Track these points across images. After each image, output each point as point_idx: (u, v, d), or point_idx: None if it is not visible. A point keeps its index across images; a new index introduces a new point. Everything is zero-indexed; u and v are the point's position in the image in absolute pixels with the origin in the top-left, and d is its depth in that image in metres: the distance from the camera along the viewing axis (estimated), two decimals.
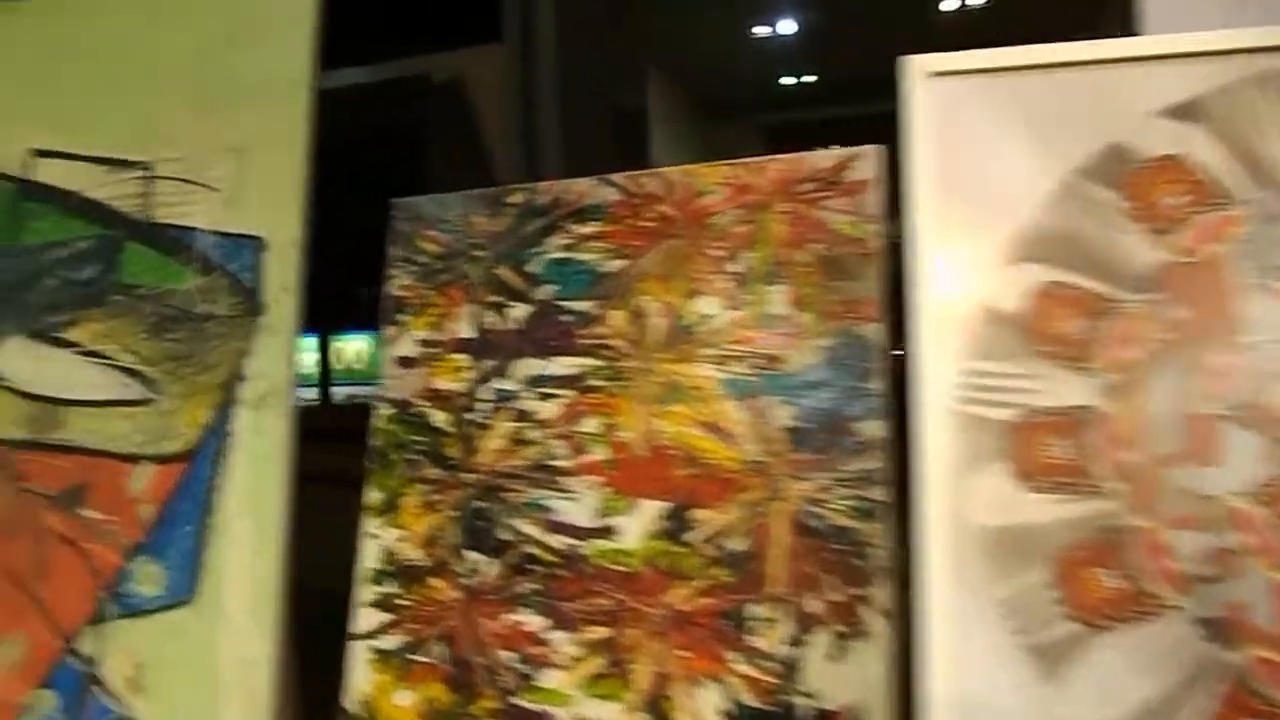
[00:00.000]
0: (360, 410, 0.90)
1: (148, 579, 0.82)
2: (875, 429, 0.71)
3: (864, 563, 0.68)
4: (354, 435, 0.90)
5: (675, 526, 0.73)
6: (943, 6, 4.11)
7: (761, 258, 0.77)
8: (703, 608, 0.71)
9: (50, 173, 0.96)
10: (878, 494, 0.69)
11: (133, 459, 0.85)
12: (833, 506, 0.70)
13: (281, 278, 0.91)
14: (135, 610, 0.81)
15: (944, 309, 0.63)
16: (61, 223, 0.93)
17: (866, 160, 0.76)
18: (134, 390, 0.87)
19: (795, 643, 0.69)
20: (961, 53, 0.66)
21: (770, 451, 0.72)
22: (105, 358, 0.88)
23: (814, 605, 0.69)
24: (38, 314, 0.89)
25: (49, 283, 0.91)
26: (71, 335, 0.89)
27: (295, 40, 1.01)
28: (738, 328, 0.76)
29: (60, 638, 0.80)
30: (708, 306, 0.77)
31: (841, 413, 0.72)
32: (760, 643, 0.69)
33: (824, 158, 0.78)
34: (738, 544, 0.72)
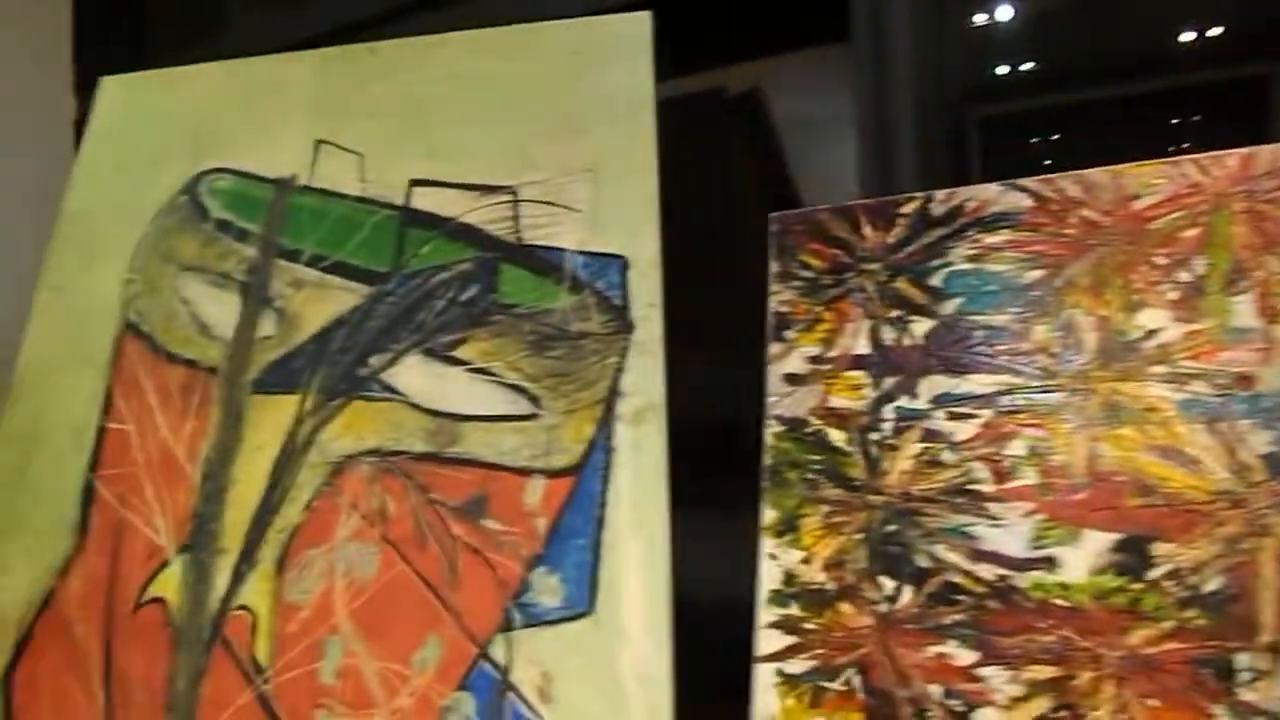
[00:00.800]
0: None
1: (547, 590, 0.84)
2: None
3: None
4: None
5: (1131, 561, 0.67)
6: None
7: (1218, 264, 0.69)
8: (1172, 653, 0.65)
9: (426, 201, 1.02)
10: None
11: (526, 472, 0.88)
12: None
13: (646, 295, 0.92)
14: (538, 620, 0.83)
15: None
16: (442, 247, 0.98)
17: None
18: (521, 406, 0.90)
19: None
20: None
21: (1248, 482, 0.65)
22: (492, 375, 0.92)
23: None
24: (429, 334, 0.94)
25: (437, 304, 0.96)
26: (461, 353, 0.93)
27: (636, 60, 1.03)
28: (1194, 343, 0.69)
29: (473, 643, 0.83)
30: (1153, 320, 0.71)
31: None
32: (1253, 697, 0.62)
33: None
34: (1213, 584, 0.65)
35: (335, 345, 0.96)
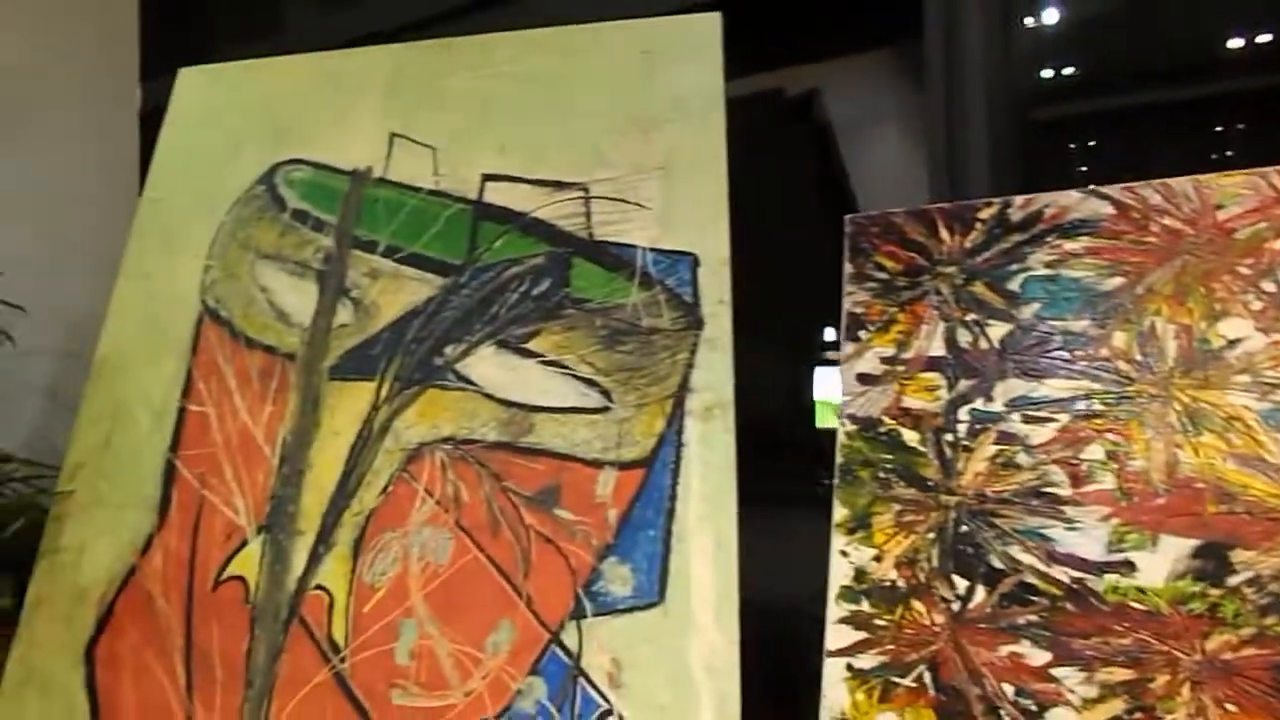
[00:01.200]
0: None
1: (618, 579, 0.85)
2: None
3: None
4: None
5: (1210, 567, 0.68)
6: None
7: None
8: (1252, 659, 0.65)
9: (499, 196, 1.03)
10: None
11: (597, 464, 0.89)
12: None
13: (716, 292, 0.94)
14: (609, 609, 0.84)
15: None
16: (515, 241, 1.00)
17: None
18: (592, 399, 0.92)
19: None
20: None
21: None
22: (565, 367, 0.94)
23: None
24: (503, 326, 0.96)
25: (510, 297, 0.97)
26: (534, 346, 0.95)
27: (706, 60, 1.04)
28: (1278, 352, 0.69)
29: (545, 629, 0.85)
30: (1236, 329, 0.71)
31: None
32: None
33: None
34: None
35: (411, 335, 0.98)
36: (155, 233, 1.11)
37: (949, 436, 0.79)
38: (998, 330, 0.80)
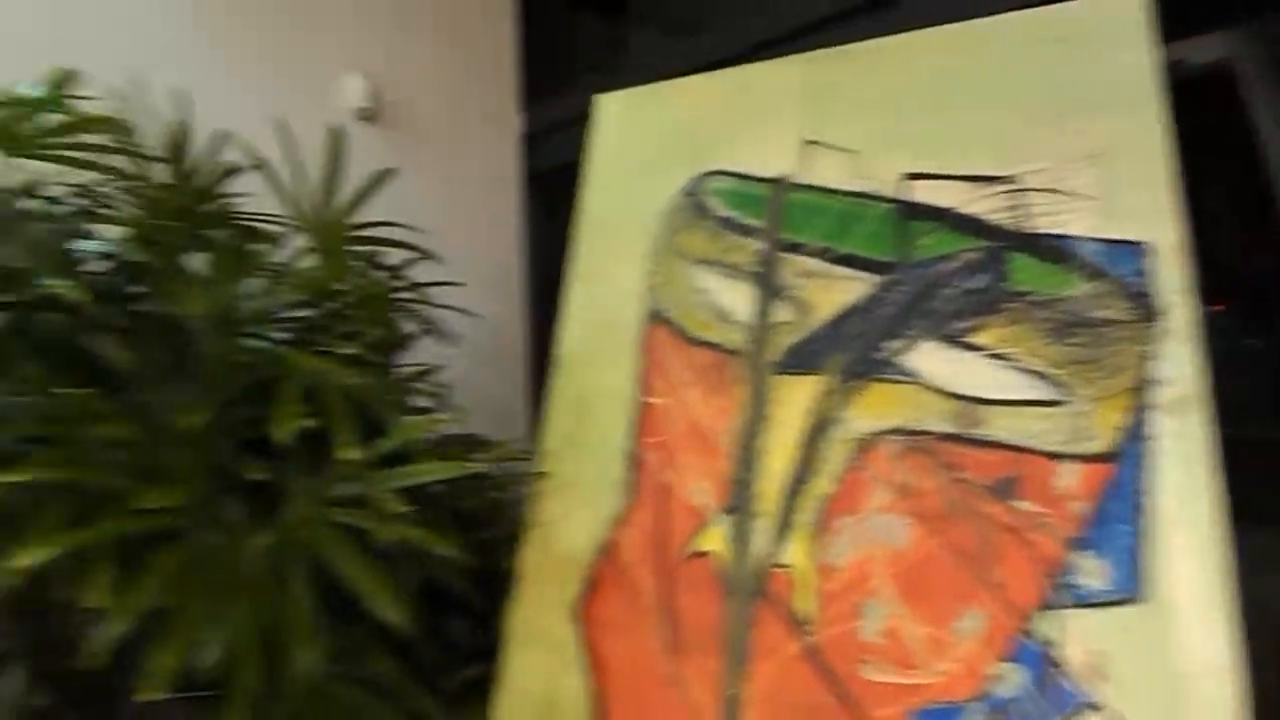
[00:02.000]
0: None
1: (1091, 573, 0.86)
2: None
3: None
4: None
5: None
6: None
7: None
8: None
9: (923, 194, 1.06)
10: None
11: (1056, 457, 0.90)
12: None
13: (1173, 281, 0.91)
14: (1084, 601, 0.85)
15: None
16: (946, 238, 1.02)
17: None
18: (1044, 391, 0.92)
19: None
20: None
21: None
22: (1011, 360, 0.95)
23: None
24: (942, 321, 0.99)
25: (946, 292, 1.00)
26: (977, 339, 0.97)
27: (1131, 41, 1.00)
28: None
29: (1015, 618, 0.87)
30: None
31: None
32: None
33: None
34: None
35: (850, 330, 1.03)
36: (597, 244, 1.25)
37: None
38: None
